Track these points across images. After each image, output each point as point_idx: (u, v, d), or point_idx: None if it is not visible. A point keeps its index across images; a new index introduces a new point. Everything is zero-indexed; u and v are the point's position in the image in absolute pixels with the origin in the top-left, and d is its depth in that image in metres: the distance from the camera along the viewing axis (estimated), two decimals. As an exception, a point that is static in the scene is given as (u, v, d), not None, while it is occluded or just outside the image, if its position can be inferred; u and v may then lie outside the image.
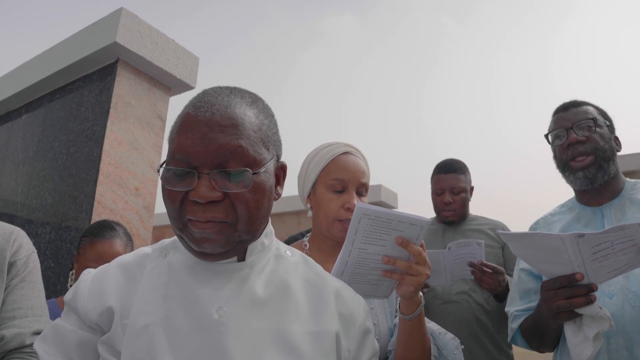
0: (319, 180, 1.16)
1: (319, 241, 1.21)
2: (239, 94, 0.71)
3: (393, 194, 4.45)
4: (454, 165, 2.14)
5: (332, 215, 1.11)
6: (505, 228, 2.10)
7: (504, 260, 2.03)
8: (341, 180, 1.12)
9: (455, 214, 2.08)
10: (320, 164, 1.17)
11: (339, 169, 1.14)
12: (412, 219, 0.87)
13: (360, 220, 0.85)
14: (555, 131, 1.31)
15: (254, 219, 0.65)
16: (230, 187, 0.62)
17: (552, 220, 1.38)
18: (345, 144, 1.23)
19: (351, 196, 1.12)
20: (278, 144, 0.75)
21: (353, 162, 1.16)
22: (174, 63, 2.29)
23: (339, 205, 1.12)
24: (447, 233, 2.11)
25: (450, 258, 1.77)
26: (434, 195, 2.15)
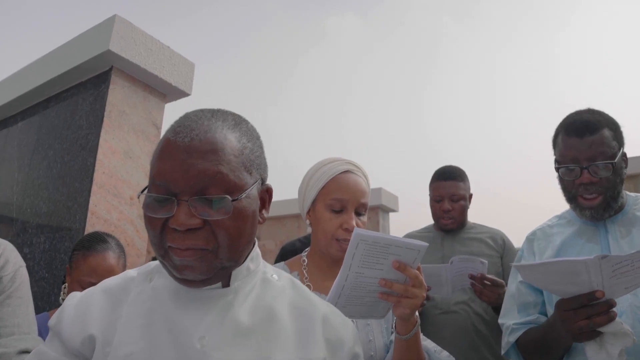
0: (319, 198, 1.16)
1: (318, 257, 1.20)
2: (220, 117, 0.70)
3: (393, 197, 4.42)
4: (454, 172, 2.12)
5: (330, 234, 1.11)
6: (505, 237, 2.07)
7: (502, 270, 2.00)
8: (340, 200, 1.12)
9: (455, 222, 2.06)
10: (320, 181, 1.16)
11: (339, 188, 1.13)
12: (409, 244, 0.88)
13: (358, 245, 0.85)
14: (567, 166, 1.20)
15: (236, 246, 0.64)
16: (211, 213, 0.60)
17: (550, 232, 1.34)
18: (346, 161, 1.21)
19: (350, 217, 1.11)
20: (262, 166, 0.73)
21: (354, 182, 1.14)
22: (169, 70, 2.27)
23: (337, 225, 1.11)
24: (446, 241, 2.09)
25: (452, 271, 1.75)
26: (432, 203, 2.12)
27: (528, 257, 1.36)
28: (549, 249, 1.28)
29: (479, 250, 2.01)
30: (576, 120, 1.21)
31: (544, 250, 1.30)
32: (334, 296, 0.89)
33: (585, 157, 1.17)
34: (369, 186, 1.19)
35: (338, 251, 1.11)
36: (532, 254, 1.35)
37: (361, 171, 1.20)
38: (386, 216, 4.38)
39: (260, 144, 0.75)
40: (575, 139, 1.19)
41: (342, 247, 1.09)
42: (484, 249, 2.00)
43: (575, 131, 1.19)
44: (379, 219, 4.22)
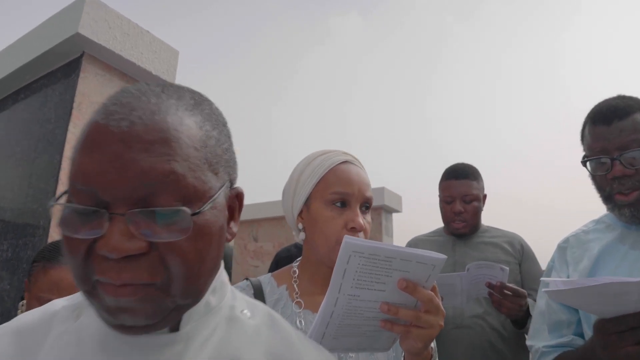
0: (315, 195, 0.98)
1: (312, 268, 1.02)
2: (174, 94, 0.51)
3: (397, 197, 4.19)
4: (466, 171, 1.90)
5: (333, 237, 0.93)
6: (523, 242, 1.86)
7: (521, 278, 1.79)
8: (343, 193, 0.95)
9: (467, 225, 1.85)
10: (315, 174, 0.98)
11: (341, 180, 0.96)
12: (421, 256, 0.68)
13: (350, 259, 0.67)
14: (596, 159, 1.06)
15: (197, 277, 0.46)
16: (159, 233, 0.43)
17: (586, 239, 1.16)
18: (342, 152, 1.03)
19: (356, 213, 0.94)
20: (231, 163, 0.54)
21: (356, 173, 0.98)
22: (149, 57, 2.04)
23: (341, 225, 0.94)
24: (458, 246, 1.87)
25: (468, 279, 1.54)
26: (442, 204, 1.91)
27: (560, 269, 1.17)
28: (585, 259, 1.11)
29: (495, 256, 1.80)
30: (603, 106, 1.08)
31: (579, 259, 1.13)
32: (319, 326, 0.71)
33: (615, 146, 1.02)
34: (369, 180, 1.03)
35: None
36: (564, 265, 1.16)
37: (360, 163, 1.04)
38: (389, 217, 4.15)
39: (228, 133, 0.56)
40: (603, 126, 1.05)
41: None
42: (500, 255, 1.79)
43: (602, 118, 1.06)
44: (381, 220, 3.99)
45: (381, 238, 3.97)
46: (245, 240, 4.96)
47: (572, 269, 1.13)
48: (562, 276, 1.15)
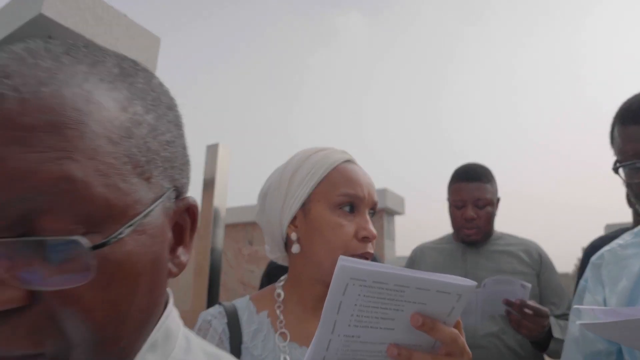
0: (316, 197, 0.82)
1: (302, 288, 0.85)
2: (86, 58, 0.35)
3: (399, 199, 3.98)
4: (478, 172, 1.70)
5: (341, 247, 0.78)
6: (541, 250, 1.68)
7: (539, 291, 1.59)
8: (353, 196, 0.81)
9: (479, 233, 1.65)
10: (316, 173, 0.83)
11: (349, 180, 0.82)
12: (443, 284, 0.53)
13: (348, 289, 0.51)
14: (630, 164, 0.95)
15: (114, 340, 0.32)
16: (45, 276, 0.28)
17: (623, 254, 0.99)
18: (341, 150, 0.89)
19: (366, 219, 0.81)
20: (177, 163, 0.38)
21: (363, 174, 0.85)
22: (126, 44, 1.83)
23: (351, 232, 0.79)
24: (469, 255, 1.67)
25: (483, 296, 1.34)
26: (452, 209, 1.71)
27: (595, 290, 1.01)
28: (624, 278, 0.97)
29: (510, 266, 1.59)
30: (632, 103, 0.97)
31: (617, 278, 0.98)
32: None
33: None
34: None
35: None
36: (599, 285, 1.01)
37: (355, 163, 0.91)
38: (391, 219, 3.94)
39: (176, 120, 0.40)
40: (635, 126, 0.94)
41: None
42: (515, 265, 1.59)
43: (633, 117, 0.95)
44: (383, 223, 3.78)
45: (382, 242, 3.76)
46: (240, 244, 4.74)
47: (608, 290, 0.97)
48: (598, 299, 0.97)
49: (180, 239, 0.38)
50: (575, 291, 2.02)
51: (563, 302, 1.57)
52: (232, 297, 3.84)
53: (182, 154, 0.39)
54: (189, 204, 0.38)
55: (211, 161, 2.33)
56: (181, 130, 0.39)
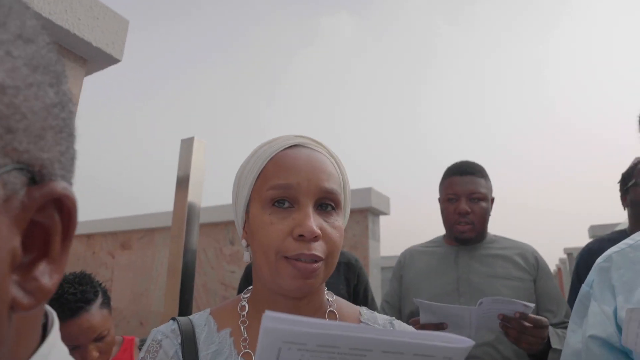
0: (253, 196, 0.71)
1: (264, 301, 0.72)
2: None
3: (385, 198, 3.87)
4: (472, 167, 1.60)
5: (273, 249, 0.65)
6: (537, 254, 1.57)
7: (536, 297, 1.48)
8: (284, 186, 0.67)
9: (474, 230, 1.54)
10: (253, 169, 0.71)
11: (281, 169, 0.68)
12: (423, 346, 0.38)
13: (281, 354, 0.37)
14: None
15: None
16: None
17: (637, 257, 0.88)
18: (296, 135, 0.75)
19: (305, 213, 0.66)
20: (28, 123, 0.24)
21: (306, 158, 0.70)
22: (88, 24, 1.66)
23: (285, 230, 0.66)
24: (461, 258, 1.55)
25: (480, 312, 1.21)
26: (445, 204, 1.60)
27: (603, 297, 0.89)
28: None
29: (505, 271, 1.48)
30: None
31: (632, 284, 0.86)
32: None
33: None
34: (340, 172, 0.74)
35: (292, 278, 0.65)
36: (608, 291, 0.89)
37: (323, 148, 0.75)
38: (376, 220, 3.82)
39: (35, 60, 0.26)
40: None
41: (297, 269, 0.64)
42: (511, 270, 1.48)
43: None
44: (368, 223, 3.66)
45: (367, 242, 3.64)
46: (221, 244, 4.58)
47: (622, 298, 0.85)
48: (606, 309, 0.85)
49: (41, 250, 0.25)
50: (570, 293, 1.94)
51: (561, 309, 1.46)
52: (213, 299, 3.67)
53: (40, 113, 0.25)
54: (54, 192, 0.24)
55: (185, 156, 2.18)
56: (45, 76, 0.25)
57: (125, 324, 4.93)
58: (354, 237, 3.68)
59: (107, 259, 5.33)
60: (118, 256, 5.25)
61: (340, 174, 0.74)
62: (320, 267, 0.66)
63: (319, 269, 0.66)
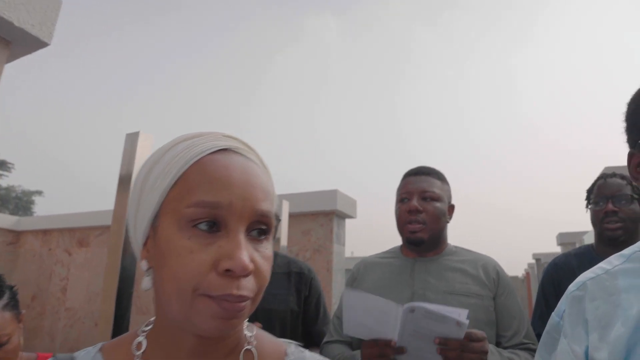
0: (166, 208, 0.55)
1: (168, 338, 0.58)
2: None
3: (351, 201, 3.76)
4: (428, 168, 1.53)
5: (190, 284, 0.51)
6: (499, 268, 1.47)
7: (496, 315, 1.38)
8: (213, 204, 0.52)
9: (426, 230, 1.43)
10: (169, 172, 0.55)
11: (211, 180, 0.53)
12: None
13: None
14: None
15: None
16: None
17: (614, 286, 0.75)
18: (224, 134, 0.60)
19: (235, 242, 0.52)
20: None
21: (240, 169, 0.55)
22: (10, 2, 1.49)
23: (208, 262, 0.51)
24: (417, 272, 1.45)
25: (411, 321, 1.12)
26: (398, 206, 1.51)
27: (574, 335, 0.75)
28: (618, 322, 0.70)
29: (464, 286, 1.38)
30: None
31: (609, 321, 0.72)
32: None
33: None
34: (272, 184, 0.60)
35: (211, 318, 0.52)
36: (580, 327, 0.75)
37: (256, 155, 0.60)
38: (342, 223, 3.72)
39: None
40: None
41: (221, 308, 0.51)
42: (470, 285, 1.37)
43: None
44: (333, 227, 3.55)
45: (332, 246, 3.53)
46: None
47: (597, 336, 0.72)
48: (577, 350, 0.73)
49: None
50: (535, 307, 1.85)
51: (521, 328, 1.36)
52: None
53: None
54: None
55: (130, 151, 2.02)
56: None
57: (80, 324, 4.70)
58: (318, 241, 3.56)
59: (63, 256, 5.08)
60: (75, 254, 5.00)
61: (273, 191, 0.60)
62: (248, 305, 0.53)
63: (245, 308, 0.53)
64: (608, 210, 1.59)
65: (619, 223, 1.58)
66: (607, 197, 1.62)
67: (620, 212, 1.58)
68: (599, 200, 1.64)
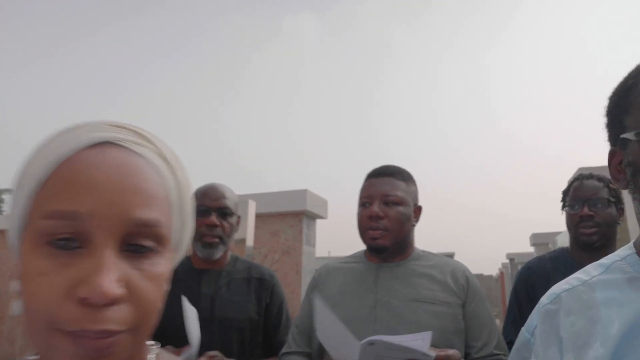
0: (29, 221, 0.44)
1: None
2: None
3: (322, 201, 3.67)
4: (392, 169, 1.41)
5: (41, 316, 0.41)
6: (468, 273, 1.38)
7: (465, 324, 1.29)
8: (68, 214, 0.41)
9: (388, 236, 1.34)
10: (35, 174, 0.44)
11: (66, 185, 0.42)
12: None
13: None
14: None
15: None
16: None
17: (591, 300, 0.66)
18: (110, 123, 0.48)
19: (99, 264, 0.41)
20: None
21: (114, 167, 0.44)
22: None
23: (63, 288, 0.41)
24: (382, 278, 1.36)
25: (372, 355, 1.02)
26: (359, 210, 1.41)
27: (546, 351, 0.67)
28: (597, 342, 0.62)
29: (430, 294, 1.29)
30: None
31: (586, 339, 0.64)
32: None
33: None
34: (177, 186, 0.49)
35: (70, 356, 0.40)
36: (554, 345, 0.67)
37: (152, 145, 0.49)
38: (312, 224, 3.62)
39: None
40: None
41: (86, 349, 0.40)
42: (437, 293, 1.28)
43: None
44: (302, 227, 3.45)
45: (301, 248, 3.43)
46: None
47: (572, 357, 0.63)
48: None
49: None
50: (507, 313, 1.79)
51: (492, 339, 1.28)
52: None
53: None
54: None
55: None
56: None
57: None
58: (287, 242, 3.46)
59: (23, 257, 4.85)
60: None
61: (178, 190, 0.49)
62: (123, 338, 0.42)
63: (116, 344, 0.42)
64: (583, 214, 1.53)
65: (595, 228, 1.51)
66: (582, 200, 1.55)
67: (596, 216, 1.52)
68: (575, 203, 1.57)
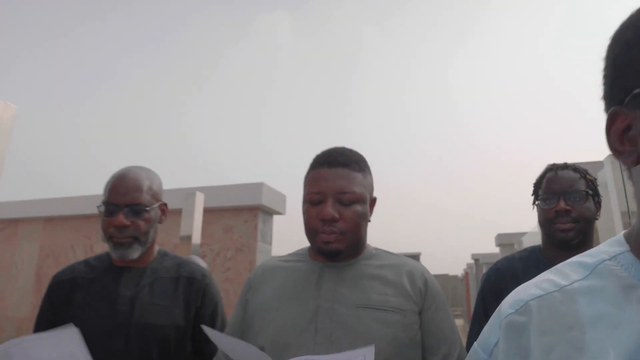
0: None
1: None
2: None
3: (280, 196, 3.46)
4: (346, 156, 1.15)
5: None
6: (427, 275, 1.15)
7: (422, 335, 1.08)
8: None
9: (343, 240, 1.11)
10: None
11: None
12: None
13: None
14: None
15: None
16: None
17: (571, 311, 0.50)
18: None
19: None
20: None
21: None
22: None
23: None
24: (326, 280, 1.12)
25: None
26: (306, 207, 1.15)
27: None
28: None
29: (381, 299, 1.06)
30: None
31: (562, 355, 0.47)
32: None
33: None
34: None
35: None
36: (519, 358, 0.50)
37: None
38: (269, 219, 3.41)
39: None
40: None
41: None
42: (390, 297, 1.06)
43: None
44: (257, 223, 3.23)
45: (256, 245, 3.21)
46: (92, 240, 3.93)
47: None
48: None
49: None
50: (472, 319, 1.60)
51: (453, 351, 1.08)
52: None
53: None
54: None
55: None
56: None
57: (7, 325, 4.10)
58: (240, 239, 3.24)
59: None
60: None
61: None
62: None
63: None
64: (559, 209, 1.36)
65: (572, 223, 1.34)
66: (557, 193, 1.38)
67: (574, 210, 1.35)
68: (549, 196, 1.39)
